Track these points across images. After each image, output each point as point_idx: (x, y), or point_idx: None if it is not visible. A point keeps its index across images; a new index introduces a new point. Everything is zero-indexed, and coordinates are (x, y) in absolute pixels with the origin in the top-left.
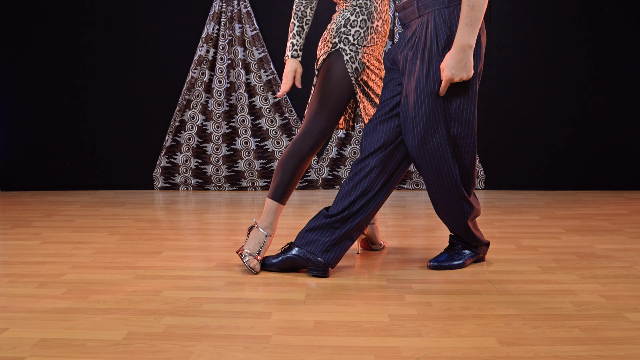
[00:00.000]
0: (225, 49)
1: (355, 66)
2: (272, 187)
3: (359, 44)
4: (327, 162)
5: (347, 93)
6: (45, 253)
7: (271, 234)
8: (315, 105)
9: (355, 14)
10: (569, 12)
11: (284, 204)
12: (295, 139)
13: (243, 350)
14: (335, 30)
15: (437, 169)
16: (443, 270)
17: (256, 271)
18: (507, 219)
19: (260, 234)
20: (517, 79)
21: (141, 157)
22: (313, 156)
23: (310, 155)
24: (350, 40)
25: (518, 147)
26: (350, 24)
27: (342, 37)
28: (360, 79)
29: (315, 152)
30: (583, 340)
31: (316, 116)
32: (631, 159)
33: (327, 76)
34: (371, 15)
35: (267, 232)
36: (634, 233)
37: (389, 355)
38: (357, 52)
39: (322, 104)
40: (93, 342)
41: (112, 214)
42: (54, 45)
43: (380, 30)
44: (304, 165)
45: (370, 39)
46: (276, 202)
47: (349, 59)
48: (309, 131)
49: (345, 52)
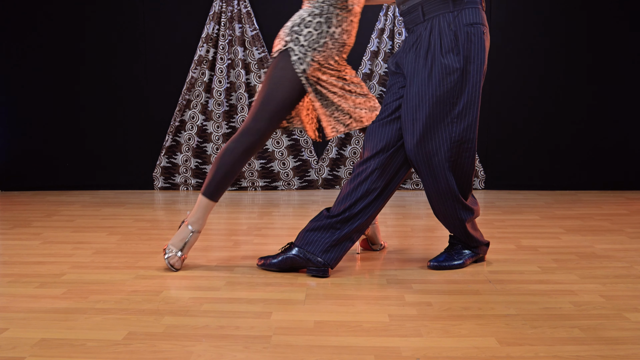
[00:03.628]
0: (225, 49)
1: (303, 67)
2: (205, 182)
3: (309, 46)
4: (327, 162)
5: (292, 95)
6: (45, 253)
7: (198, 230)
8: (258, 104)
9: (313, 15)
10: (569, 12)
11: (215, 201)
12: (234, 137)
13: (243, 350)
14: (289, 28)
15: (434, 173)
16: (443, 270)
17: (176, 269)
18: (507, 219)
19: (186, 230)
20: (517, 79)
21: (141, 157)
22: (250, 156)
23: (245, 154)
24: (301, 41)
25: (518, 147)
26: (305, 24)
27: (294, 36)
28: (310, 81)
29: (253, 152)
30: (583, 340)
31: (257, 116)
32: (631, 159)
33: (274, 75)
34: (329, 20)
35: (193, 228)
36: (634, 233)
37: (389, 355)
38: (306, 54)
39: (264, 104)
40: (93, 342)
41: (112, 214)
42: (54, 45)
43: (337, 38)
44: (238, 164)
45: (324, 43)
46: (207, 198)
47: (296, 60)
48: (248, 130)
49: (293, 52)
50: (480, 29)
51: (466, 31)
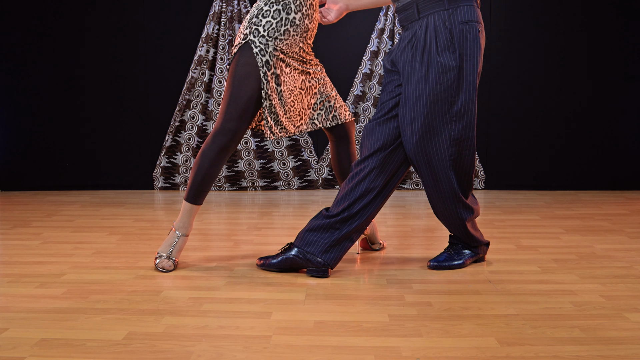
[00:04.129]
0: (225, 49)
1: (265, 59)
2: (186, 187)
3: (269, 35)
4: (327, 162)
5: (258, 89)
6: (45, 253)
7: (185, 234)
8: (226, 102)
9: (270, 4)
10: (568, 12)
11: (198, 204)
12: (207, 139)
13: (243, 350)
14: (247, 21)
15: (434, 172)
16: (443, 270)
17: (167, 270)
18: (507, 219)
19: (173, 235)
20: (517, 78)
21: (141, 157)
22: (226, 156)
23: (220, 155)
24: (261, 32)
25: (518, 147)
26: (263, 14)
27: (253, 28)
28: (271, 73)
29: (228, 152)
30: (583, 340)
31: (227, 115)
32: (631, 159)
33: (237, 71)
34: (287, 6)
35: (180, 232)
36: (634, 233)
37: (389, 355)
38: (268, 44)
39: (232, 102)
40: (93, 342)
41: (112, 214)
42: (54, 45)
43: (299, 24)
44: (215, 166)
45: (285, 31)
46: (189, 203)
47: (258, 52)
48: (219, 131)
49: (254, 45)
50: (475, 27)
51: (461, 29)
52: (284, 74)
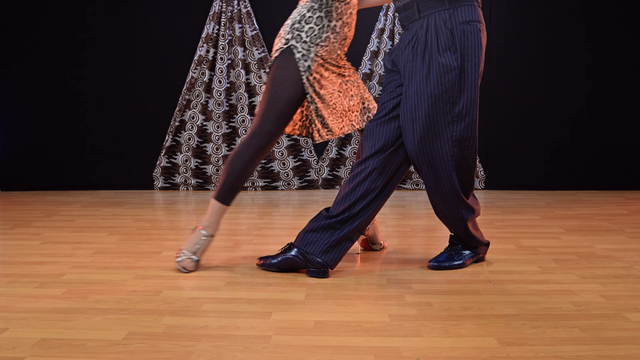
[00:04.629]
0: (225, 49)
1: (307, 64)
2: (217, 187)
3: (312, 42)
4: (327, 162)
5: (297, 93)
6: (45, 253)
7: (212, 234)
8: (264, 105)
9: (312, 11)
10: (569, 12)
11: (228, 204)
12: (242, 140)
13: (243, 350)
14: (289, 26)
15: (436, 172)
16: (443, 270)
17: (188, 270)
18: (507, 219)
19: (199, 234)
20: (517, 78)
21: (141, 157)
22: (260, 158)
23: (256, 157)
24: (303, 38)
25: (518, 147)
26: (306, 20)
27: (296, 33)
28: (313, 78)
29: (263, 154)
30: (583, 340)
31: (265, 117)
32: (631, 159)
33: (277, 75)
34: (329, 14)
35: (207, 232)
36: (634, 233)
37: (389, 355)
38: (310, 50)
39: (270, 105)
40: (93, 342)
41: (112, 214)
42: (54, 45)
43: (339, 31)
44: (249, 167)
45: (326, 38)
46: (219, 202)
47: (300, 57)
48: (257, 132)
49: (297, 50)
50: (476, 27)
51: (462, 29)
52: (324, 78)
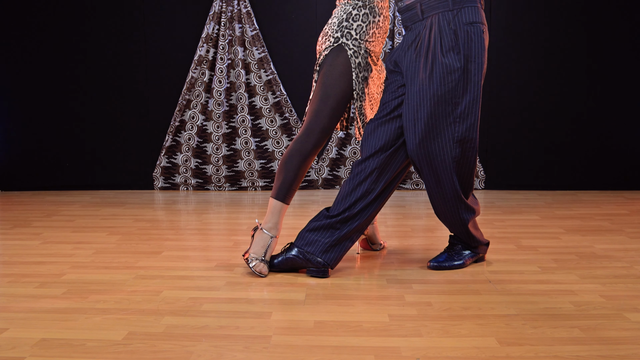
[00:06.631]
0: (225, 49)
1: (358, 61)
2: (275, 186)
3: (361, 38)
4: (327, 162)
5: (349, 89)
6: (45, 253)
7: (276, 235)
8: (316, 102)
9: (358, 8)
10: (569, 12)
11: (288, 203)
12: (297, 138)
13: (243, 350)
14: (337, 25)
15: (436, 173)
16: (443, 270)
17: (264, 275)
18: (507, 219)
19: (265, 236)
20: (517, 78)
21: (141, 157)
22: (315, 154)
23: (312, 153)
24: (353, 35)
25: (518, 147)
26: (353, 18)
27: (345, 31)
28: (362, 75)
29: (318, 151)
30: (583, 340)
31: (318, 114)
32: (631, 159)
33: (329, 72)
34: (373, 10)
35: (272, 233)
36: (634, 233)
37: (389, 355)
38: (360, 46)
39: (323, 101)
40: (93, 342)
41: (112, 214)
42: (54, 45)
43: (381, 26)
44: (306, 164)
45: (372, 33)
46: (280, 202)
47: (352, 54)
48: (311, 129)
49: (348, 47)
50: (479, 28)
51: (466, 30)
52: (370, 75)
